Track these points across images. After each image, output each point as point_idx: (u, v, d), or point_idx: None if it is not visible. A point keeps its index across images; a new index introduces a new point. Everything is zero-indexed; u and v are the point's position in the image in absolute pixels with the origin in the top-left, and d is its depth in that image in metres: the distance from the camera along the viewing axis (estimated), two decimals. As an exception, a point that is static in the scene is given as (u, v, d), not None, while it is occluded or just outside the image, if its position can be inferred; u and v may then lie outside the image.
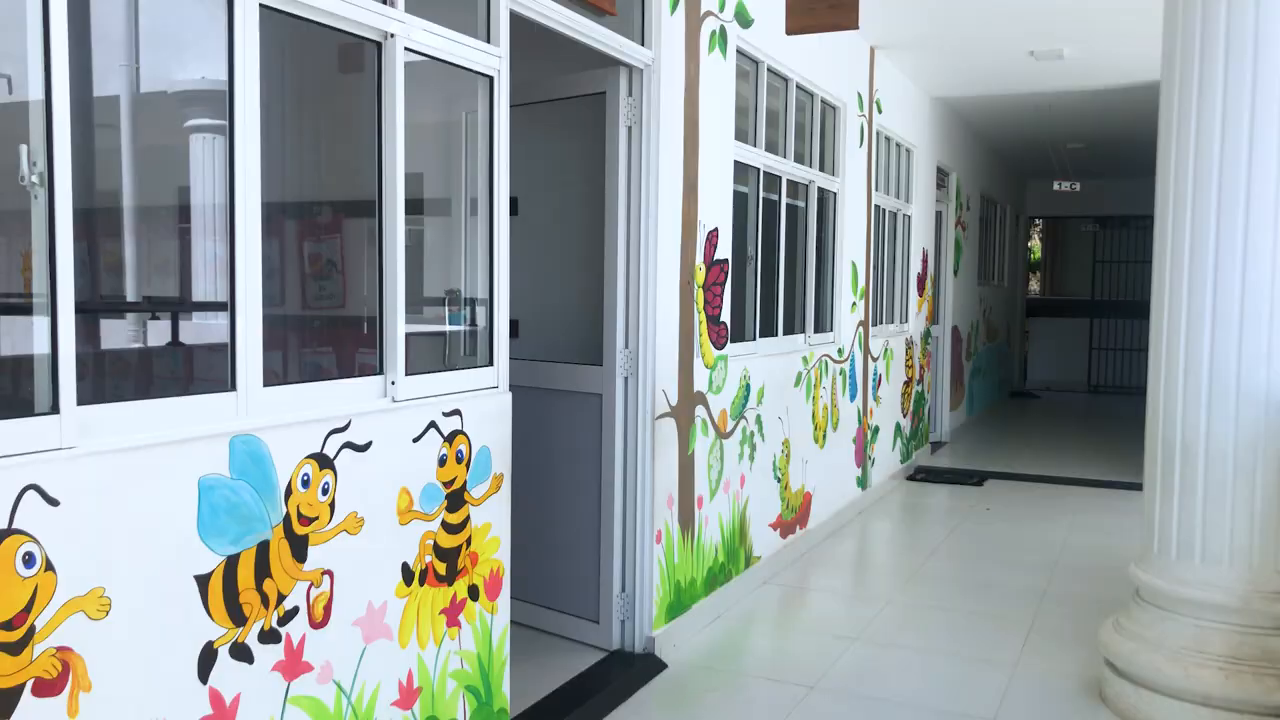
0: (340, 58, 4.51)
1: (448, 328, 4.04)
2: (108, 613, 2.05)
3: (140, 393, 4.00)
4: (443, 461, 3.04)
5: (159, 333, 5.01)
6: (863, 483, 7.48)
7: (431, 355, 3.43)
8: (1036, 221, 16.98)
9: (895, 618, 5.01)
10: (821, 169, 6.51)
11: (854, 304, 7.15)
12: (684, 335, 4.57)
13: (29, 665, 1.89)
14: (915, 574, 5.81)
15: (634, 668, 4.21)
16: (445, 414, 3.05)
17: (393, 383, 2.89)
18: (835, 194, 6.76)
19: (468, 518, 3.16)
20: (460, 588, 3.13)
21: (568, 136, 4.55)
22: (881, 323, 8.11)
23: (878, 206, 7.79)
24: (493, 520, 3.28)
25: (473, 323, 3.55)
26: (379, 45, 2.89)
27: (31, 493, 1.90)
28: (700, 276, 4.71)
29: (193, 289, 5.79)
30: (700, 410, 4.75)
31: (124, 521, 2.08)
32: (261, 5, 2.45)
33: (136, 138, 5.22)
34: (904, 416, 8.72)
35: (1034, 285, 17.09)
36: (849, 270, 7.00)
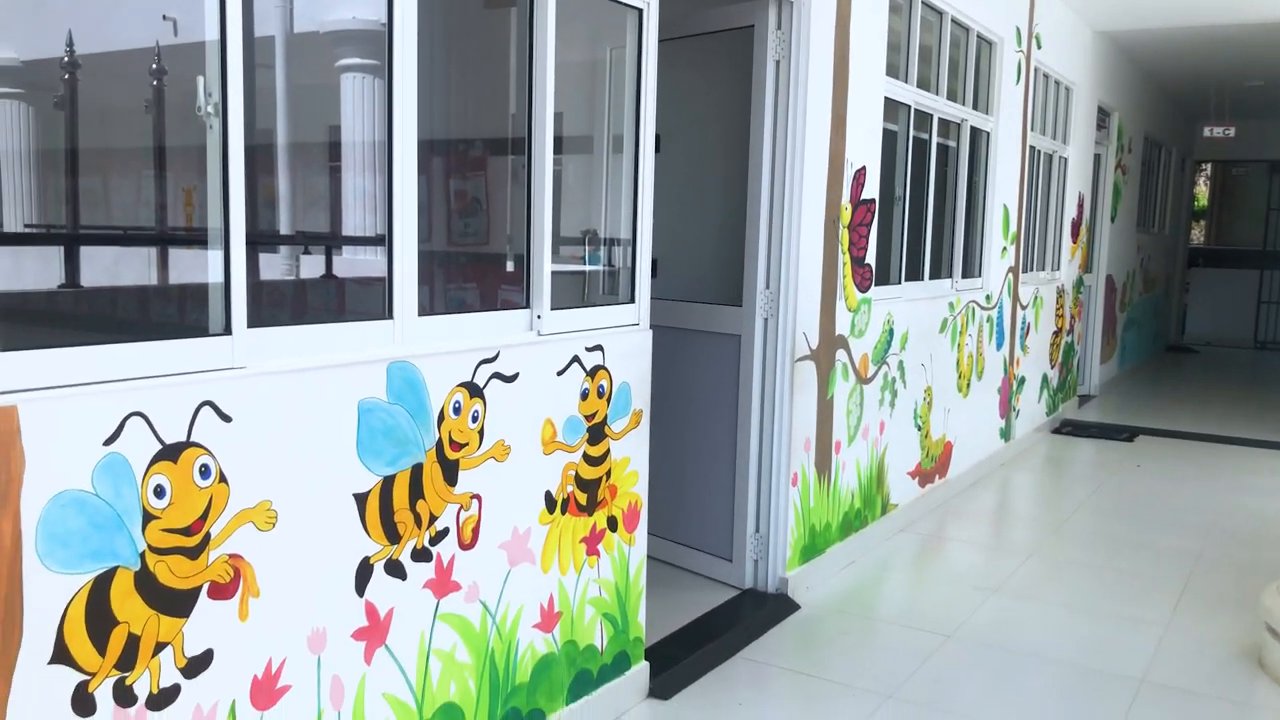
0: (487, -5, 4.55)
1: (586, 267, 4.09)
2: (275, 524, 2.16)
3: (298, 321, 4.16)
4: (585, 395, 3.08)
5: (310, 266, 5.21)
6: (1006, 434, 7.26)
7: (571, 294, 3.47)
8: (1203, 166, 15.94)
9: (1038, 572, 4.87)
10: (975, 107, 6.25)
11: (1004, 249, 6.88)
12: (827, 277, 4.49)
13: (205, 569, 2.02)
14: (1060, 529, 5.63)
15: (766, 607, 4.23)
16: (588, 349, 3.09)
17: (539, 316, 2.94)
18: (989, 133, 6.49)
19: (608, 451, 3.20)
20: (600, 518, 3.19)
21: (712, 71, 4.49)
22: (1032, 269, 7.79)
23: (1033, 148, 7.44)
24: (631, 455, 3.32)
25: (611, 262, 3.58)
26: (531, -21, 2.88)
27: (207, 409, 2.01)
28: (845, 216, 4.60)
29: (343, 224, 6.01)
30: (841, 354, 4.68)
31: (289, 439, 2.18)
32: (419, -62, 2.48)
33: (290, 77, 5.40)
34: (1051, 367, 8.40)
35: (1197, 234, 16.10)
36: (1000, 214, 6.73)
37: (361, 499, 2.36)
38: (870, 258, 4.86)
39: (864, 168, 4.73)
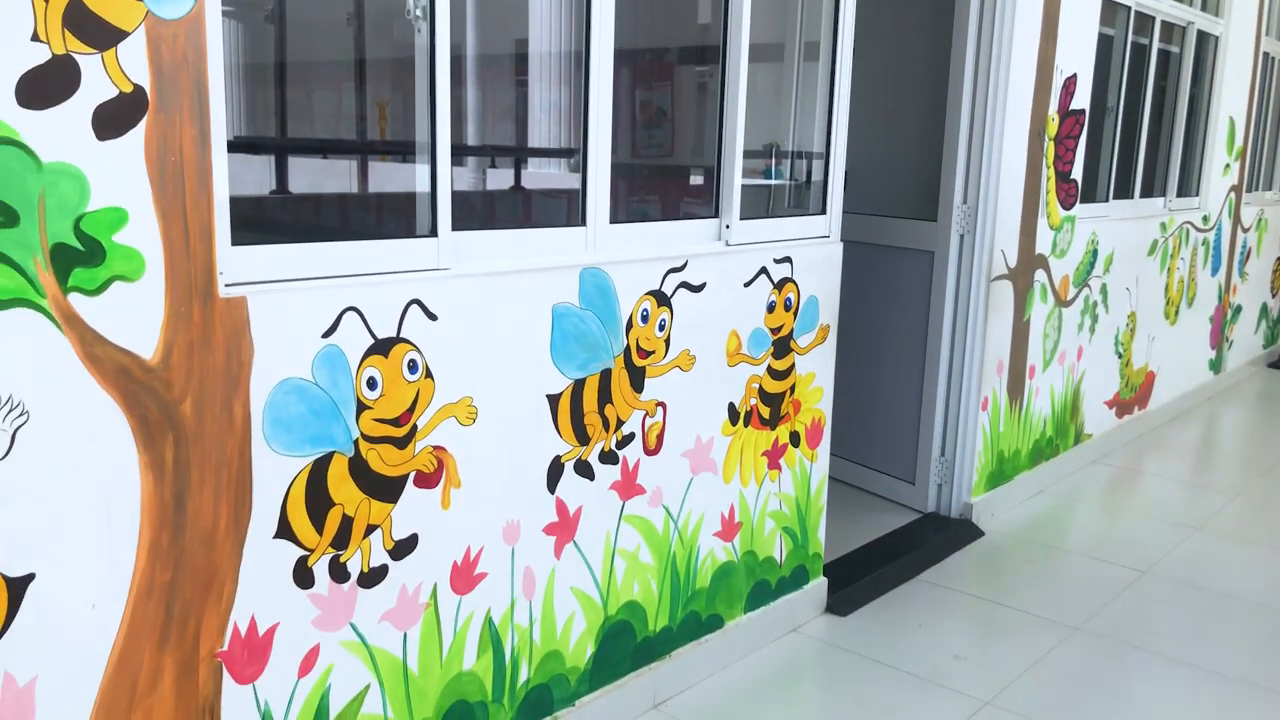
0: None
1: (771, 181, 4.01)
2: (475, 420, 2.25)
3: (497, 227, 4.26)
4: (771, 308, 3.05)
5: (496, 179, 5.33)
6: (1216, 366, 6.78)
7: (755, 208, 3.41)
8: None
9: (1245, 511, 4.57)
10: (1204, 8, 5.71)
11: (1227, 166, 6.34)
12: (1029, 192, 4.25)
13: (412, 459, 2.13)
14: (1273, 468, 5.24)
15: (949, 532, 4.14)
16: (776, 261, 3.04)
17: (727, 226, 2.91)
18: (1217, 38, 5.93)
19: (793, 365, 3.17)
20: (782, 433, 3.17)
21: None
22: (1258, 189, 7.15)
23: (1266, 54, 6.76)
24: (816, 370, 3.28)
25: (796, 175, 3.49)
26: (730, -126, 2.79)
27: (415, 307, 2.10)
28: (1052, 128, 4.33)
29: (530, 136, 6.09)
30: (1040, 274, 4.44)
31: (488, 339, 2.26)
32: None
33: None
34: (1273, 296, 7.75)
35: None
36: (1225, 127, 6.18)
37: (554, 400, 2.43)
38: (1076, 173, 4.56)
39: (1074, 75, 4.41)
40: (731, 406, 2.96)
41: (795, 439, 3.23)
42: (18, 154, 1.50)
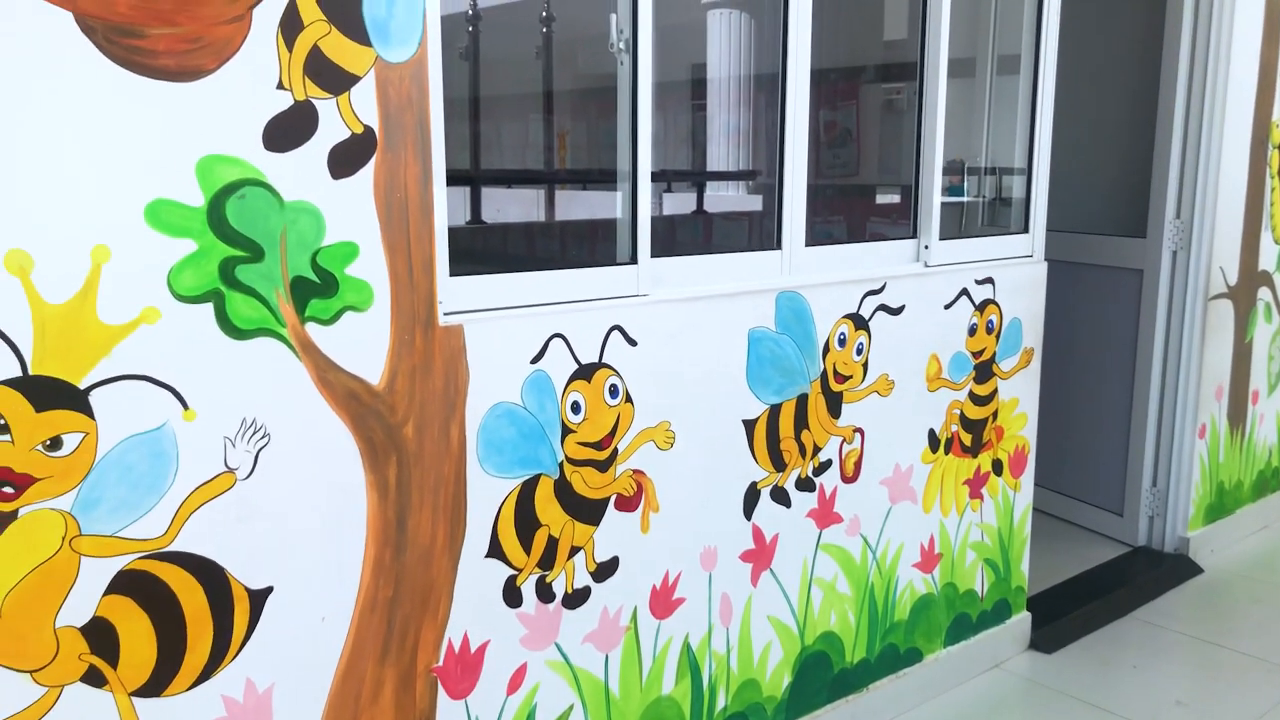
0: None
1: (964, 199, 3.87)
2: (672, 444, 2.26)
3: (692, 252, 4.29)
4: (972, 330, 2.94)
5: (675, 203, 5.37)
6: None
7: (947, 225, 3.31)
8: None
9: None
10: None
11: None
12: (1251, 204, 3.96)
13: (613, 482, 2.16)
14: None
15: (1163, 567, 3.88)
16: (977, 282, 2.94)
17: (926, 247, 2.83)
18: None
19: (995, 390, 3.04)
20: (984, 461, 3.05)
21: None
22: None
23: None
24: (1020, 395, 3.14)
25: (983, 192, 3.36)
26: (928, -112, 2.73)
27: (615, 333, 2.13)
28: (1277, 135, 4.02)
29: (708, 160, 6.12)
30: (1264, 292, 4.12)
31: (686, 364, 2.27)
32: None
33: (657, 17, 5.56)
34: None
35: None
36: None
37: (750, 425, 2.41)
38: (1306, 182, 4.22)
39: (1303, 77, 4.09)
40: (932, 433, 2.87)
41: (998, 467, 3.10)
42: (264, 194, 1.61)
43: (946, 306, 2.86)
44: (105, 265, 1.47)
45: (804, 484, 2.56)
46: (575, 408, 2.07)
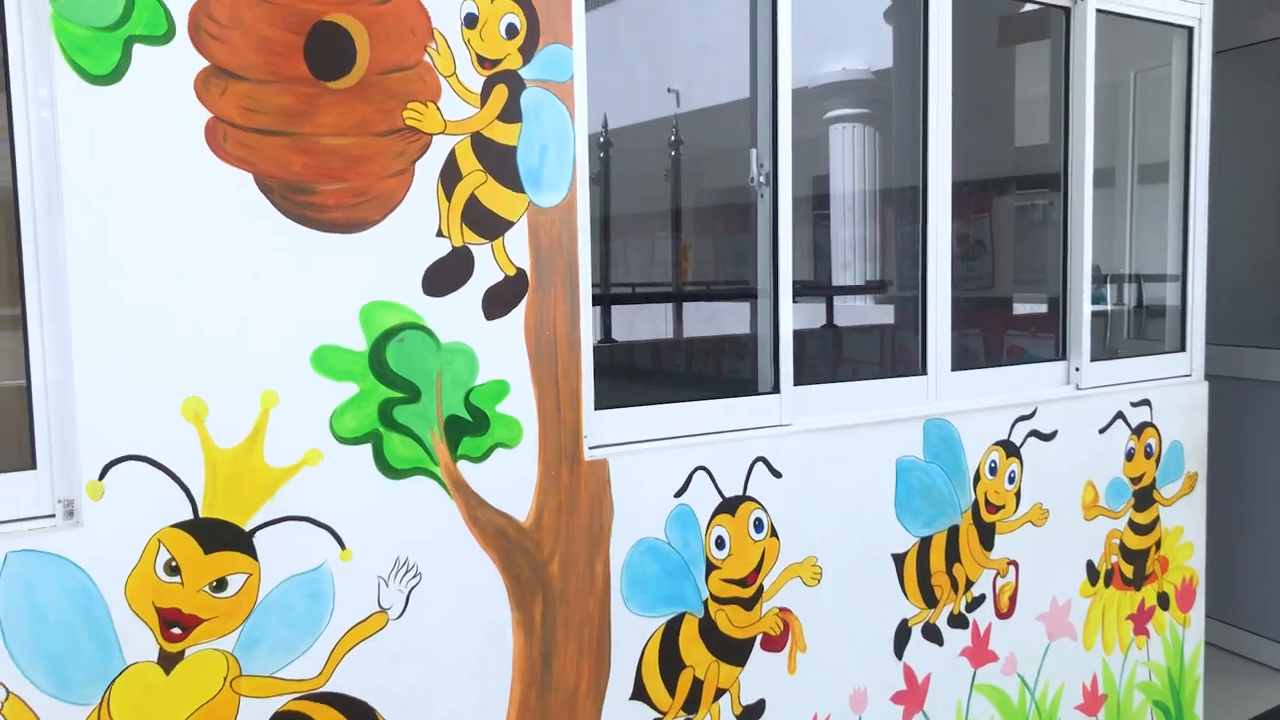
0: (1001, 31, 4.38)
1: (1108, 307, 3.74)
2: (819, 580, 2.19)
3: (833, 378, 4.24)
4: (1130, 455, 2.79)
5: (800, 315, 5.32)
6: None
7: (1094, 334, 3.19)
8: None
9: None
10: None
11: None
12: None
13: (758, 620, 2.10)
14: None
15: (1356, 712, 3.53)
16: (1133, 404, 2.80)
17: (1076, 369, 2.72)
18: None
19: (1157, 518, 2.87)
20: (1148, 594, 2.86)
21: (1260, 83, 3.92)
22: None
23: None
24: (1184, 523, 2.95)
25: (1127, 299, 3.23)
26: (1067, 10, 2.71)
27: (760, 464, 2.09)
28: None
29: (832, 273, 6.09)
30: None
31: (831, 496, 2.21)
32: (954, -13, 2.44)
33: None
34: None
35: None
36: None
37: (899, 559, 2.32)
38: None
39: None
40: (1090, 564, 2.71)
41: (1164, 601, 2.90)
42: (423, 337, 1.65)
43: (1101, 430, 2.73)
44: (273, 410, 1.53)
45: (956, 620, 2.44)
46: (720, 543, 2.03)
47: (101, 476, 1.43)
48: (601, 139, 5.74)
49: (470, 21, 1.68)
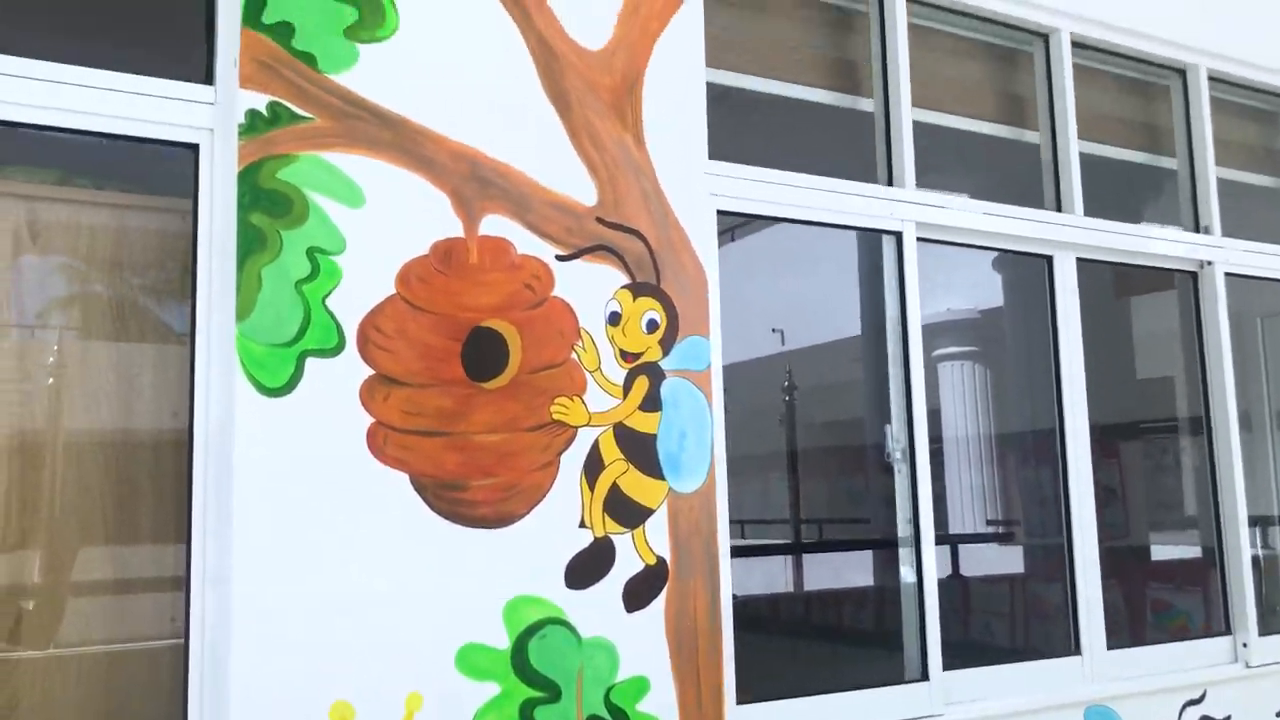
0: (1116, 283, 4.41)
1: (1259, 551, 3.50)
2: None
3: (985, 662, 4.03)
4: (1313, 741, 2.53)
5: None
6: None
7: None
8: None
9: None
10: None
11: None
12: None
13: None
14: None
15: None
16: (1312, 683, 2.56)
17: (1244, 645, 2.52)
18: None
19: (1355, 816, 2.56)
20: None
21: None
22: None
23: None
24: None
25: (1265, 545, 3.02)
26: (1194, 274, 2.72)
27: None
28: None
29: (949, 517, 5.89)
30: None
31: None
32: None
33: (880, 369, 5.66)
34: None
35: None
36: None
37: None
38: None
39: None
40: None
41: None
42: (563, 632, 1.63)
43: (1278, 715, 2.49)
44: (417, 714, 1.50)
45: None
46: None
47: (246, 785, 1.40)
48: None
49: (614, 319, 1.75)
